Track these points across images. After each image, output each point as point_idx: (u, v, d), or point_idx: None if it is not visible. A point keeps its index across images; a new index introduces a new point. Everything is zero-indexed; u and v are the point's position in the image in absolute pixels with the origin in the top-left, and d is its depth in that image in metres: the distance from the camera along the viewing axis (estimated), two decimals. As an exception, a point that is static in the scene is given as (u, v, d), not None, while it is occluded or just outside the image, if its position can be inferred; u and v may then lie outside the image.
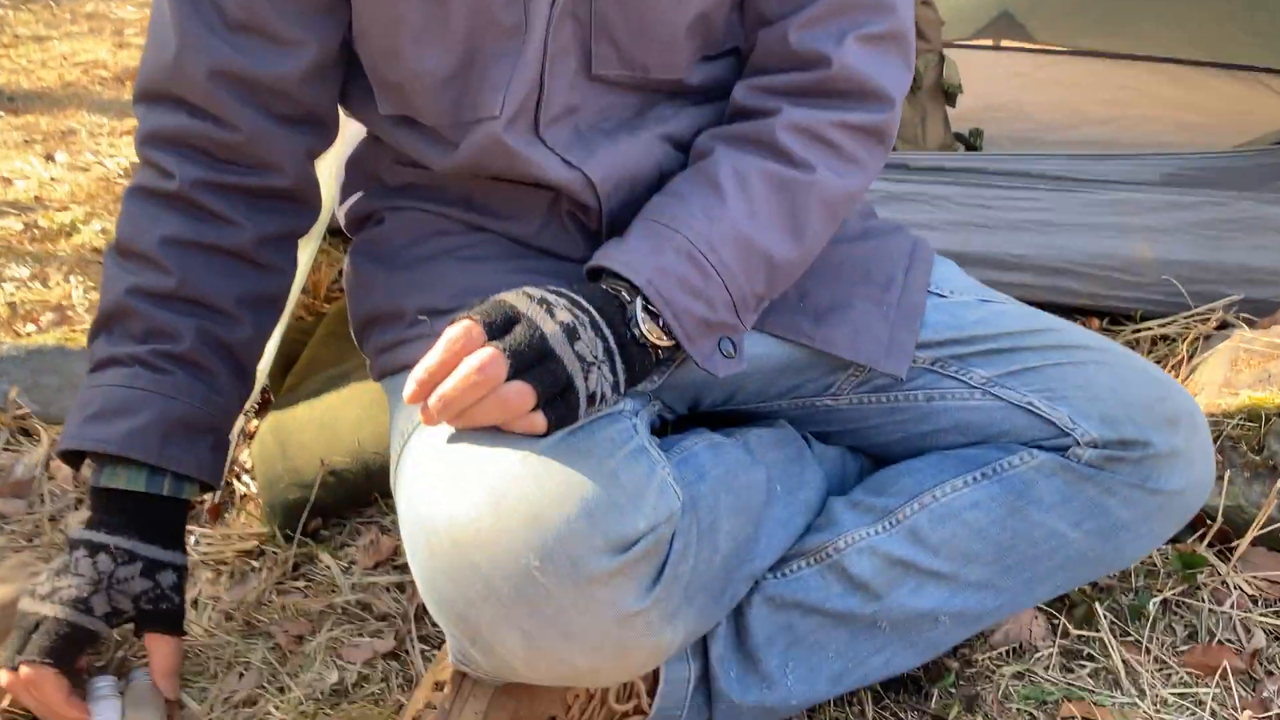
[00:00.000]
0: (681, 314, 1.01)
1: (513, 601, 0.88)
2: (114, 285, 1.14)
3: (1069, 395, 1.15)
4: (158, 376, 1.11)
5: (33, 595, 1.11)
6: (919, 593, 1.14)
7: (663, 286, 1.00)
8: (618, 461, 0.92)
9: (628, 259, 1.01)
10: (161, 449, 1.11)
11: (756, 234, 1.05)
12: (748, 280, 1.05)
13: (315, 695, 1.16)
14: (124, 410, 1.10)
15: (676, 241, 1.02)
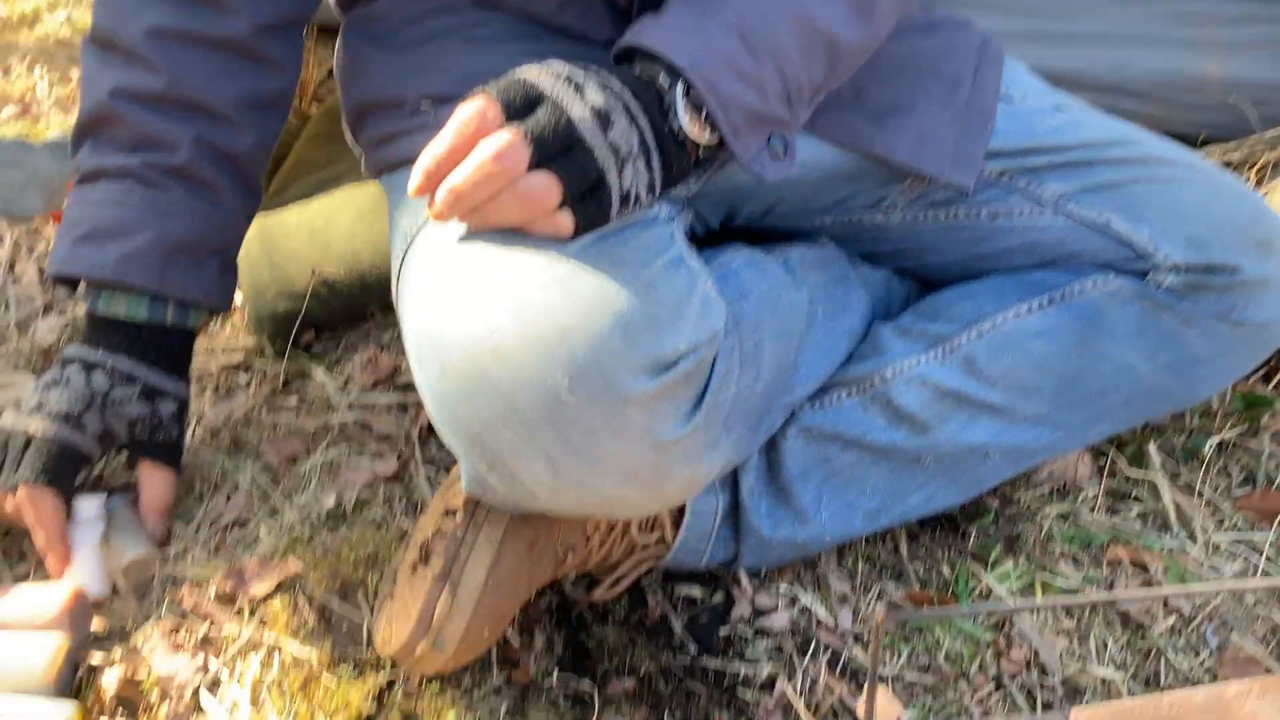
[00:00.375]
0: (729, 103, 0.85)
1: (538, 424, 0.77)
2: (95, 85, 1.00)
3: (1151, 214, 1.04)
4: (153, 193, 1.00)
5: (17, 408, 1.01)
6: (970, 427, 1.05)
7: (708, 69, 0.84)
8: (654, 272, 0.80)
9: (666, 36, 0.85)
10: (162, 274, 1.00)
11: (818, 11, 0.90)
12: (805, 66, 0.90)
13: (310, 519, 1.07)
14: (118, 231, 0.99)
15: (725, 16, 0.86)
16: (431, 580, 0.87)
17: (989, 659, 1.01)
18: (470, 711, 0.92)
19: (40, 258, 1.46)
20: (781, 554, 1.07)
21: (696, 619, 1.04)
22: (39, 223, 1.52)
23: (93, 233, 1.00)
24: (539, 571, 0.93)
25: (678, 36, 0.85)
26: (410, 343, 0.86)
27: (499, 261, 0.80)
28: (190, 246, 1.02)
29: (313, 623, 0.96)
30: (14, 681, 0.90)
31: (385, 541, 1.03)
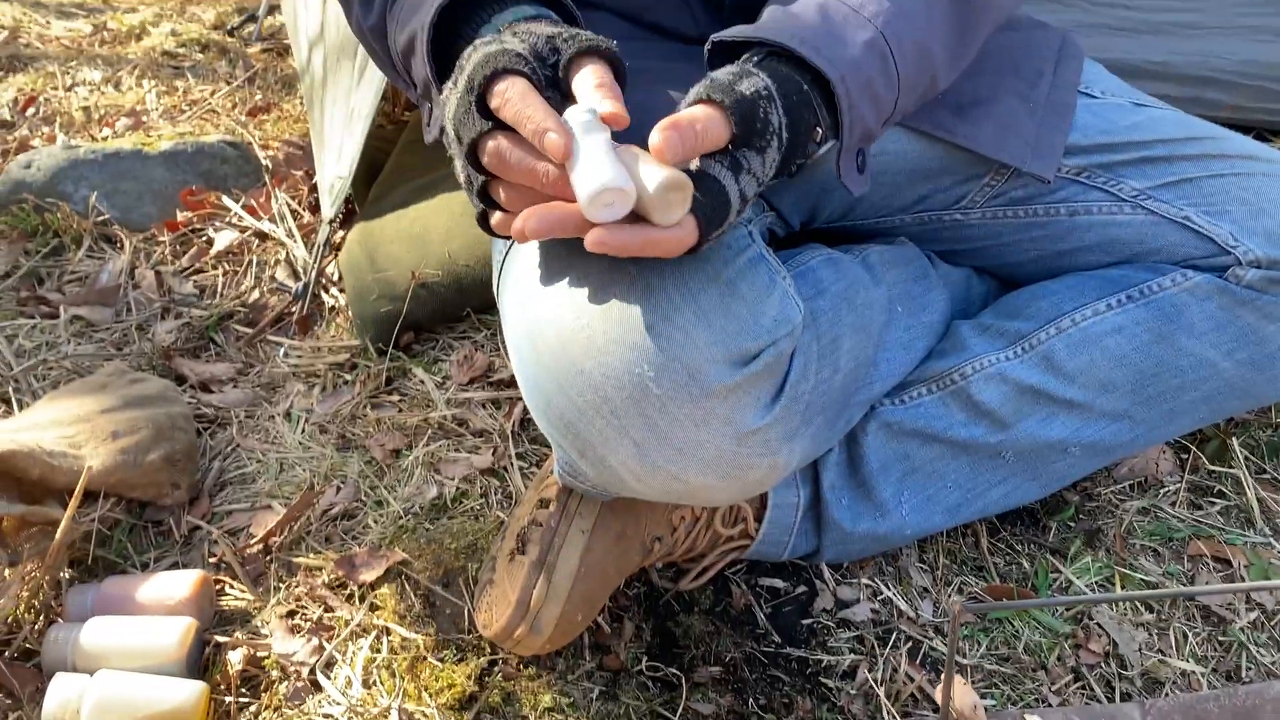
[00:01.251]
0: (855, 122, 0.85)
1: (626, 412, 0.82)
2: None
3: (1231, 209, 1.04)
4: None
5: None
6: (1049, 423, 1.07)
7: (853, 87, 0.83)
8: (735, 270, 0.84)
9: (817, 44, 0.82)
10: None
11: (933, 45, 0.91)
12: (911, 95, 0.91)
13: (414, 509, 1.14)
14: None
15: (870, 35, 0.85)
16: (529, 567, 0.93)
17: (1068, 650, 1.03)
18: (565, 694, 0.97)
19: (157, 263, 1.55)
20: (863, 547, 1.10)
21: (780, 609, 1.08)
22: (155, 231, 1.62)
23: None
24: (627, 560, 0.98)
25: (828, 48, 0.83)
26: (510, 337, 0.92)
27: (592, 262, 0.85)
28: None
29: (418, 608, 1.02)
30: (148, 661, 0.98)
31: (483, 531, 1.08)
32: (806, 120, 0.81)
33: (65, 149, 1.67)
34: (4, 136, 1.97)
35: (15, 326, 1.43)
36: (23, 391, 1.32)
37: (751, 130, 0.76)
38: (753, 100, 0.77)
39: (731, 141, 0.76)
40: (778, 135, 0.78)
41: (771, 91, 0.78)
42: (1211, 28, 1.63)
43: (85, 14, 2.69)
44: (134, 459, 1.13)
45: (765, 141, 0.78)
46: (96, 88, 2.22)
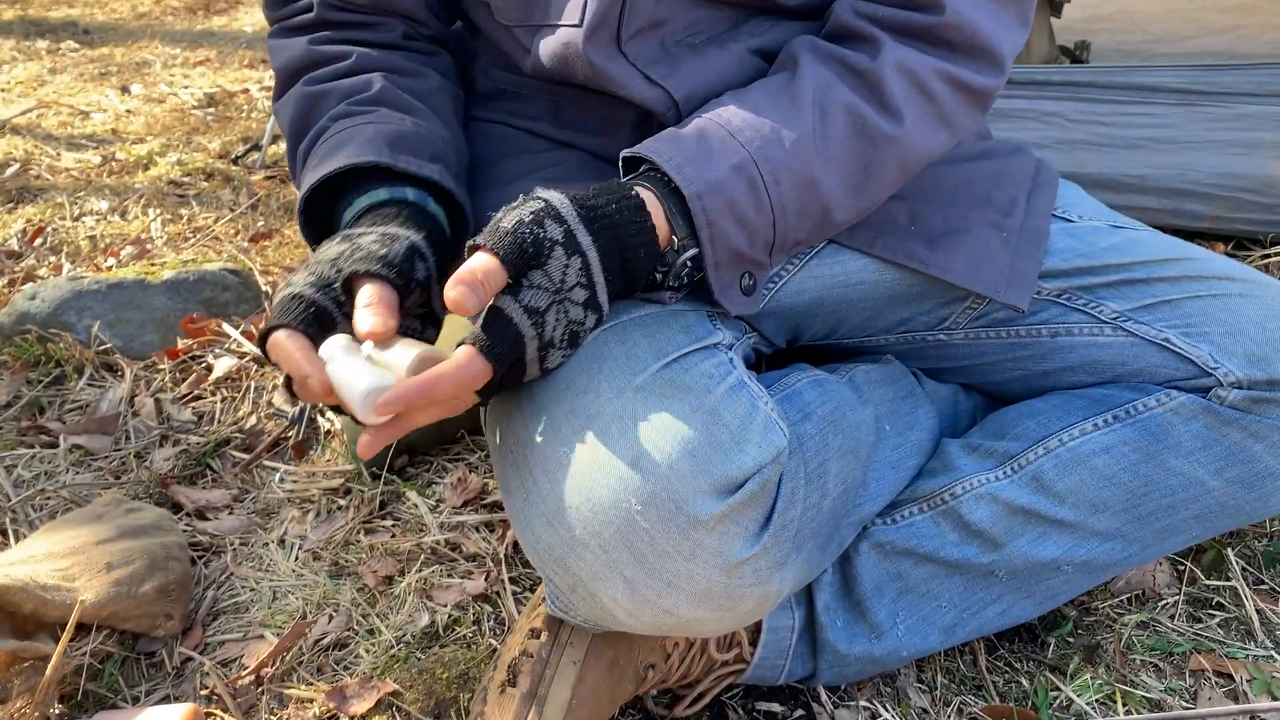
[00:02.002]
0: (718, 240, 0.89)
1: (614, 546, 0.82)
2: (293, 104, 1.05)
3: (1210, 331, 1.06)
4: (363, 114, 1.02)
5: None
6: (1041, 542, 1.07)
7: (710, 205, 0.88)
8: (717, 398, 0.86)
9: (679, 161, 0.88)
10: (393, 154, 0.96)
11: (822, 177, 0.93)
12: (797, 224, 0.94)
13: (406, 638, 1.13)
14: (340, 146, 0.98)
15: (740, 158, 0.90)
16: (519, 700, 0.92)
17: (1071, 774, 1.01)
18: (558, 829, 0.95)
19: (157, 391, 1.57)
20: (859, 669, 1.09)
21: (777, 734, 1.06)
22: (155, 358, 1.64)
23: (323, 159, 0.98)
24: (621, 689, 0.97)
25: (689, 166, 0.88)
26: (498, 471, 0.93)
27: (576, 395, 0.86)
28: (410, 139, 0.99)
29: (409, 741, 1.01)
30: (135, 799, 0.96)
31: (475, 660, 1.08)
32: (633, 220, 0.86)
33: (70, 279, 1.70)
34: (11, 266, 2.01)
35: (15, 456, 1.45)
36: (19, 522, 1.33)
37: (522, 254, 0.81)
38: (514, 228, 0.82)
39: (509, 273, 0.81)
40: (563, 243, 0.83)
41: (548, 209, 0.83)
42: (1186, 142, 1.68)
43: (94, 145, 2.77)
44: (128, 590, 1.13)
45: (544, 254, 0.82)
46: (103, 217, 2.27)
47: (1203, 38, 2.56)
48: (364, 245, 0.89)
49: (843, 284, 1.10)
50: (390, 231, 0.91)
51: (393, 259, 0.87)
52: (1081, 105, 1.74)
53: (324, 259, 0.89)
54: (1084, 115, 1.73)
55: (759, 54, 1.04)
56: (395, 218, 0.94)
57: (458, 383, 0.78)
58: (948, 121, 0.99)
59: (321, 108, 1.05)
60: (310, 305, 0.87)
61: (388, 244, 0.89)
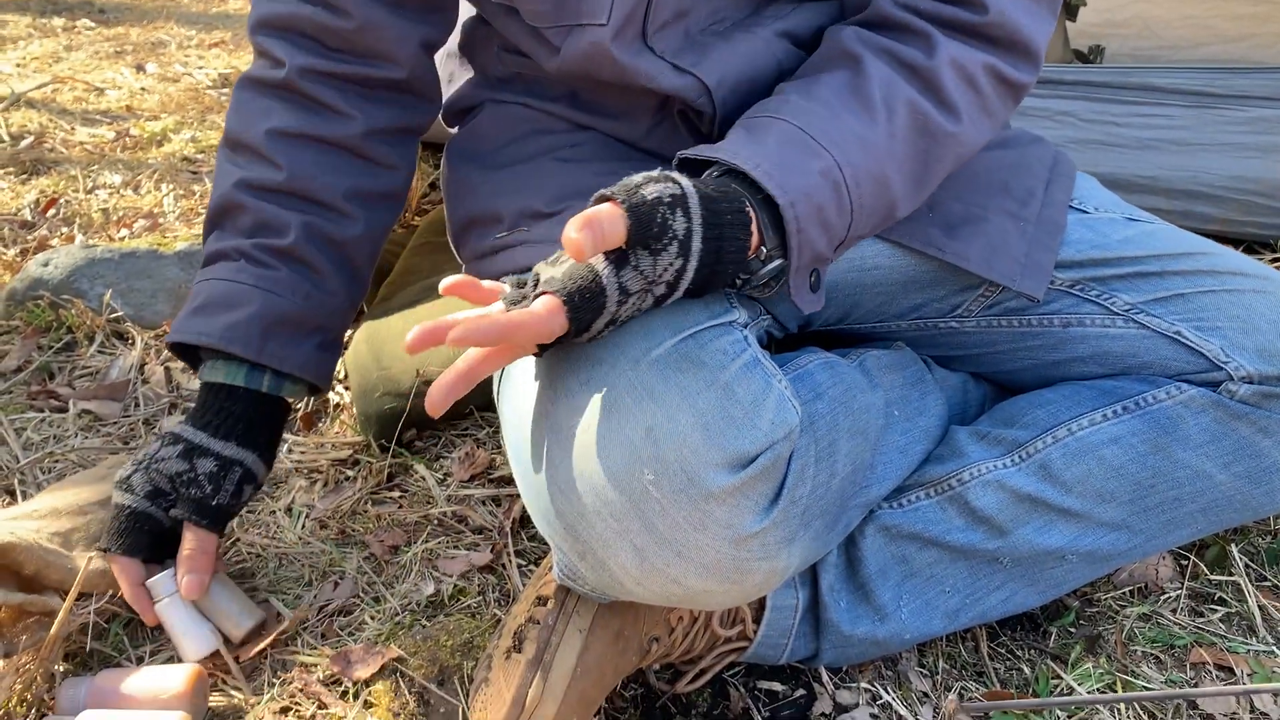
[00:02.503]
0: (804, 246, 0.89)
1: (625, 515, 0.83)
2: (224, 179, 1.12)
3: (1222, 325, 1.06)
4: (262, 271, 1.09)
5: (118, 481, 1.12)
6: (1046, 531, 1.07)
7: (802, 213, 0.87)
8: (731, 374, 0.86)
9: (768, 168, 0.87)
10: (261, 345, 1.08)
11: (892, 175, 0.94)
12: (868, 223, 0.95)
13: (411, 606, 1.14)
14: (226, 304, 1.08)
15: (825, 164, 0.90)
16: (524, 666, 0.92)
17: (1070, 760, 1.02)
18: (559, 797, 0.95)
19: (167, 360, 1.58)
20: (862, 651, 1.09)
21: (778, 713, 1.07)
22: (166, 327, 1.64)
23: (205, 305, 1.09)
24: (625, 660, 0.98)
25: (781, 175, 0.87)
26: (510, 440, 0.93)
27: (590, 366, 0.87)
28: (292, 322, 1.09)
29: (413, 706, 1.01)
30: (139, 756, 0.97)
31: (480, 629, 1.08)
32: (738, 236, 0.84)
33: (83, 248, 1.71)
34: (24, 236, 2.02)
35: (24, 420, 1.45)
36: (28, 484, 1.33)
37: (646, 232, 0.80)
38: (653, 204, 0.81)
39: (626, 240, 0.80)
40: (681, 242, 0.82)
41: (682, 199, 0.82)
42: (1199, 145, 1.68)
43: (109, 121, 2.77)
44: (131, 554, 1.13)
45: (662, 244, 0.81)
46: (116, 191, 2.28)
47: (1216, 45, 2.56)
48: (199, 478, 1.08)
49: (858, 268, 1.11)
50: (226, 456, 1.09)
51: (220, 504, 1.09)
52: (1095, 105, 1.74)
53: (164, 471, 1.08)
54: (1097, 115, 1.74)
55: (786, 37, 1.05)
56: (238, 422, 1.10)
57: (535, 333, 0.78)
58: (992, 114, 1.01)
59: (237, 220, 1.11)
60: (145, 521, 1.08)
61: (219, 480, 1.09)
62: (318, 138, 1.10)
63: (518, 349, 0.81)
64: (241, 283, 1.08)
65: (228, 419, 1.10)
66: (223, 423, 1.10)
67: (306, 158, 1.10)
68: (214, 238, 1.12)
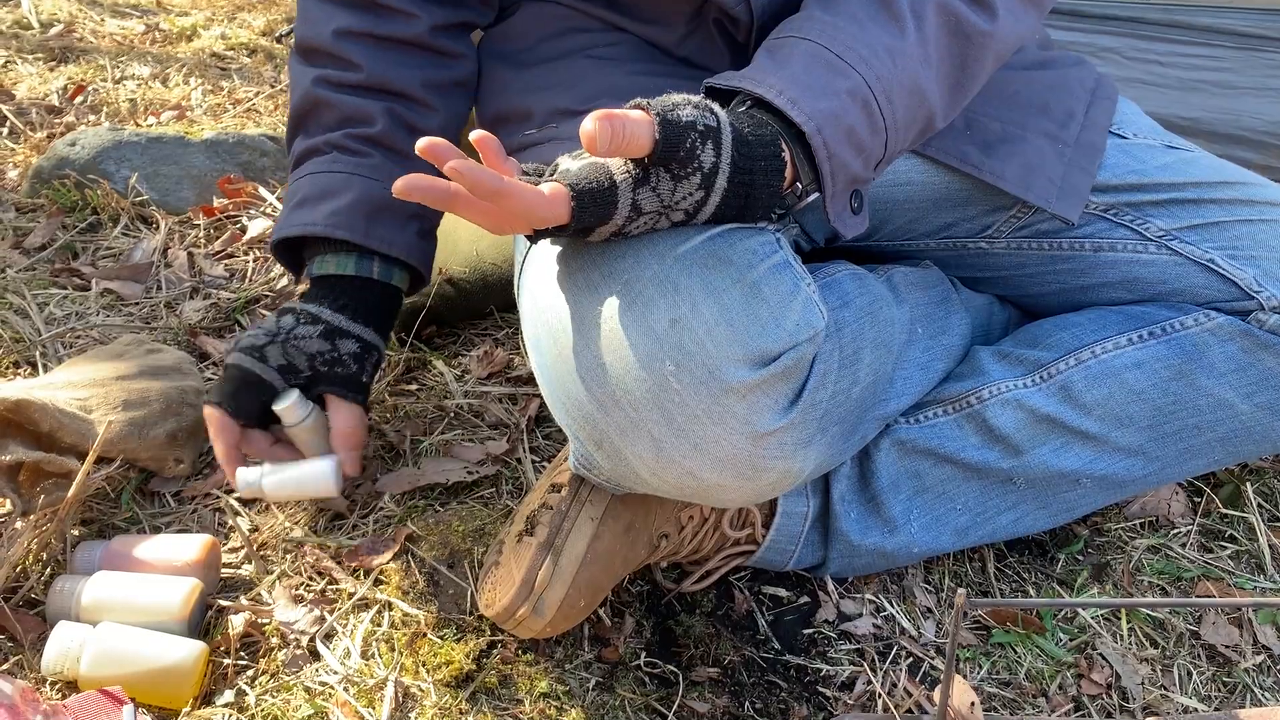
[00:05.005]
0: (838, 171, 0.87)
1: (645, 406, 0.83)
2: (300, 81, 1.11)
3: (1257, 255, 1.05)
4: (356, 159, 1.08)
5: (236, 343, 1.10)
6: (1063, 452, 1.07)
7: (830, 137, 0.85)
8: (760, 273, 0.85)
9: (794, 95, 0.85)
10: (367, 228, 1.07)
11: (927, 85, 0.92)
12: (905, 137, 0.93)
13: (425, 492, 1.14)
14: (326, 194, 1.07)
15: (853, 83, 0.87)
16: (536, 548, 0.93)
17: (1069, 679, 1.03)
18: (561, 681, 0.97)
19: (190, 245, 1.58)
20: (869, 563, 1.10)
21: (782, 617, 1.08)
22: (191, 214, 1.64)
23: (305, 200, 1.07)
24: (634, 553, 0.98)
25: (804, 98, 0.85)
26: (529, 331, 0.93)
27: (615, 259, 0.86)
28: (391, 207, 1.07)
29: (422, 585, 1.02)
30: (150, 618, 0.98)
31: (492, 517, 1.09)
32: (770, 183, 0.84)
33: (111, 130, 1.70)
34: (51, 120, 2.01)
35: (47, 295, 1.46)
36: (49, 357, 1.34)
37: (672, 153, 0.79)
38: (685, 127, 0.79)
39: (651, 154, 0.78)
40: (705, 174, 0.81)
41: (716, 132, 0.81)
42: (1243, 88, 1.65)
43: (139, 14, 2.74)
44: (140, 431, 1.14)
45: (685, 171, 0.80)
46: (144, 82, 2.26)
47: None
48: (344, 357, 1.07)
49: (890, 183, 1.10)
50: (366, 340, 1.08)
51: (366, 381, 1.09)
52: (1139, 43, 1.71)
53: (304, 349, 1.06)
54: (1141, 53, 1.70)
55: None
56: (373, 310, 1.09)
57: (529, 208, 0.76)
58: (1036, 1, 0.99)
59: (321, 117, 1.10)
60: (265, 391, 1.05)
61: (363, 360, 1.08)
62: (384, 36, 1.09)
63: (509, 218, 0.78)
64: (337, 171, 1.07)
65: (362, 304, 1.09)
66: (360, 307, 1.08)
67: (378, 54, 1.09)
68: (300, 140, 1.11)
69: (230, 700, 0.93)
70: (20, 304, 1.42)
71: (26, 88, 2.14)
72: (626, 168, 0.80)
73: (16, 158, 1.82)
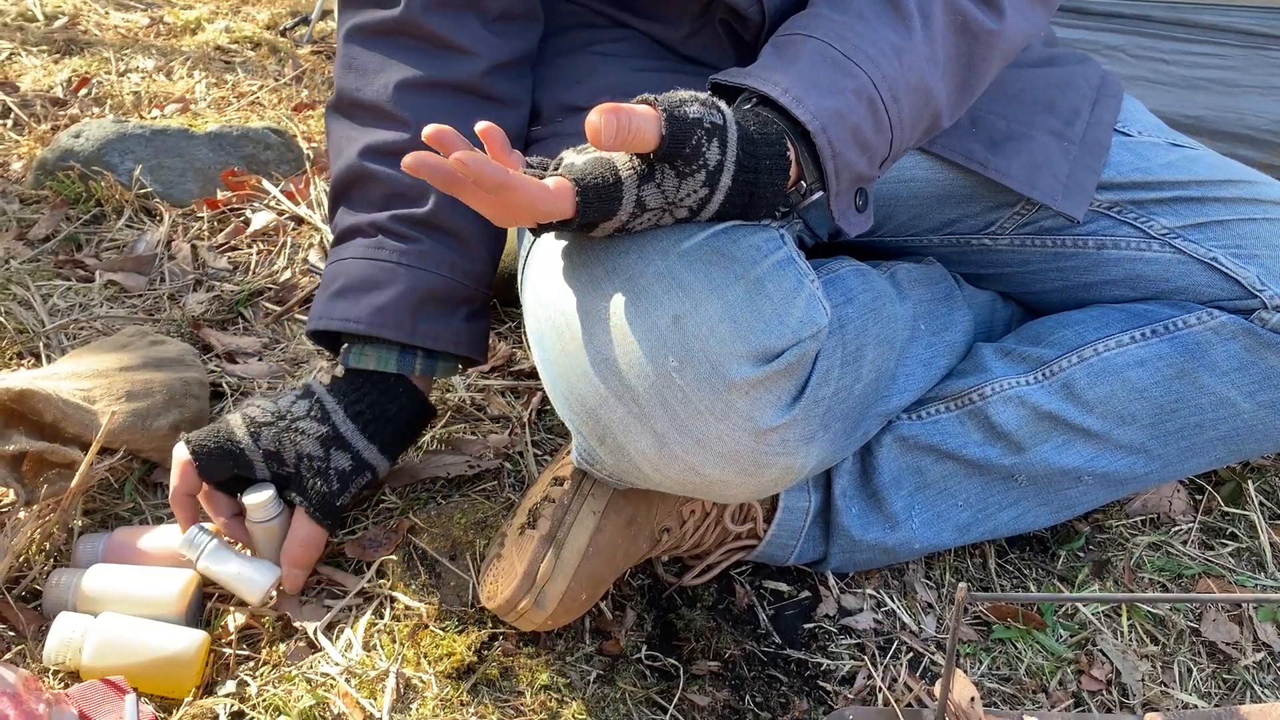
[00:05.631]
0: (842, 170, 0.86)
1: (648, 401, 0.83)
2: (346, 147, 1.03)
3: (1260, 254, 1.05)
4: (403, 245, 1.00)
5: (247, 403, 1.05)
6: (1064, 450, 1.07)
7: (835, 136, 0.85)
8: (764, 269, 0.85)
9: (800, 93, 0.85)
10: (413, 325, 1.00)
11: (934, 84, 0.92)
12: (910, 135, 0.92)
13: (428, 485, 1.14)
14: (370, 284, 1.00)
15: (859, 82, 0.87)
16: (538, 541, 0.93)
17: (1069, 675, 1.03)
18: (562, 673, 0.97)
19: (194, 237, 1.58)
20: (870, 558, 1.10)
21: (783, 612, 1.08)
22: (195, 206, 1.64)
23: (347, 288, 1.00)
24: (636, 546, 0.99)
25: (809, 97, 0.85)
26: (533, 325, 0.93)
27: (619, 255, 0.86)
28: (439, 297, 1.01)
29: (424, 578, 1.03)
30: (148, 610, 0.98)
31: (494, 510, 1.09)
32: (774, 182, 0.83)
33: (115, 122, 1.70)
34: (55, 113, 2.01)
35: (51, 287, 1.46)
36: (52, 348, 1.34)
37: (678, 150, 0.79)
38: (691, 124, 0.79)
39: (656, 150, 0.78)
40: (710, 172, 0.80)
41: (721, 130, 0.80)
42: (1247, 87, 1.65)
43: (143, 7, 2.75)
44: (143, 423, 1.14)
45: (690, 168, 0.80)
46: (148, 75, 2.26)
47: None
48: (330, 471, 1.01)
49: (894, 179, 1.10)
50: (364, 459, 1.02)
51: (342, 504, 1.02)
52: (1145, 41, 1.71)
53: (297, 446, 1.00)
54: (1146, 51, 1.70)
55: None
56: (389, 424, 1.03)
57: (533, 201, 0.76)
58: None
59: (367, 192, 1.02)
60: (242, 464, 1.01)
61: (348, 480, 1.02)
62: (443, 83, 1.02)
63: (513, 211, 0.77)
64: (383, 260, 1.00)
65: (379, 417, 1.02)
66: (374, 418, 1.02)
67: (434, 107, 1.01)
68: (343, 211, 1.04)
69: (232, 690, 0.93)
70: (24, 295, 1.42)
71: (31, 80, 2.14)
72: (632, 163, 0.80)
73: (21, 149, 1.82)
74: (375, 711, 0.91)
